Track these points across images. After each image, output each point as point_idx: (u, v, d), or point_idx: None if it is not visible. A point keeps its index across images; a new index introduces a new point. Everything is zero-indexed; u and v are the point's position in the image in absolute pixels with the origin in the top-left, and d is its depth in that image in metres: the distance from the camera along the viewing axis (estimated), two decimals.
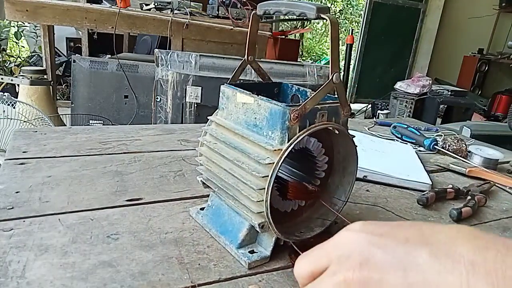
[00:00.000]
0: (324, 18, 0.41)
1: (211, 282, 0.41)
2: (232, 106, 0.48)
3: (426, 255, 0.22)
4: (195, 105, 1.87)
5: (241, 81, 0.52)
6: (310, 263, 0.26)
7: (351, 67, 4.55)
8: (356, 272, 0.23)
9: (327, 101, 0.45)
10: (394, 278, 0.22)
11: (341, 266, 0.24)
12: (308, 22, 5.72)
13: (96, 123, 2.26)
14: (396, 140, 1.03)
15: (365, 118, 3.93)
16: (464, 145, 0.94)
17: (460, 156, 0.91)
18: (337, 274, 0.24)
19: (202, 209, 0.55)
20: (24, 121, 1.80)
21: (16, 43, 4.00)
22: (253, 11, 0.50)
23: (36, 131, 0.80)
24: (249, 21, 0.50)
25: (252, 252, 0.46)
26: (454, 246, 0.22)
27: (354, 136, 0.48)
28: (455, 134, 1.11)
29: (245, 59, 0.51)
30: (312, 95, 0.42)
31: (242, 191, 0.45)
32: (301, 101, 0.48)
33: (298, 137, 0.42)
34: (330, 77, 0.43)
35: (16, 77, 2.44)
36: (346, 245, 0.25)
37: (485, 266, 0.20)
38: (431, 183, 0.73)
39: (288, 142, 0.42)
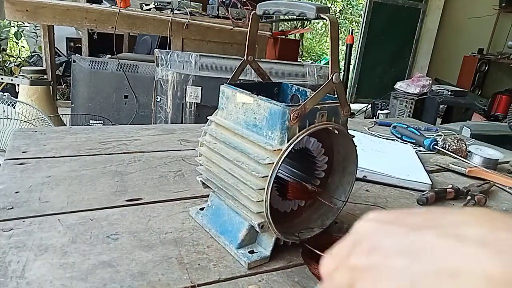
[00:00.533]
0: (323, 18, 0.41)
1: (210, 282, 0.41)
2: (232, 106, 0.48)
3: (432, 238, 0.22)
4: (195, 105, 1.87)
5: (241, 81, 0.52)
6: (334, 258, 0.27)
7: (351, 67, 4.54)
8: (365, 258, 0.24)
9: (327, 101, 0.45)
10: (400, 264, 0.22)
11: (354, 252, 0.25)
12: (308, 22, 5.72)
13: (96, 123, 2.26)
14: (396, 140, 1.03)
15: (365, 118, 3.93)
16: (464, 145, 0.94)
17: (460, 156, 0.91)
18: (350, 259, 0.25)
19: (201, 209, 0.54)
20: (24, 121, 1.80)
21: (16, 43, 4.00)
22: (253, 11, 0.50)
23: (36, 131, 0.80)
24: (249, 21, 0.50)
25: (252, 252, 0.46)
26: (464, 229, 0.21)
27: (354, 136, 0.48)
28: (455, 134, 1.11)
29: (244, 59, 0.51)
30: (312, 95, 0.42)
31: (241, 191, 0.44)
32: (301, 101, 0.48)
33: (297, 137, 0.42)
34: (330, 77, 0.43)
35: (16, 77, 2.44)
36: (359, 233, 0.26)
37: (495, 245, 0.20)
38: (431, 183, 0.73)
39: (287, 142, 0.42)
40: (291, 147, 0.41)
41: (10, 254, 0.41)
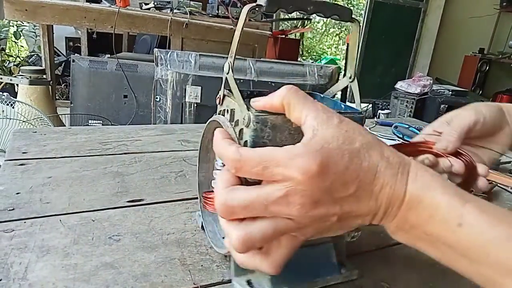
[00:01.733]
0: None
1: (214, 284, 0.41)
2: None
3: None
4: (195, 105, 1.87)
5: (241, 80, 0.51)
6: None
7: None
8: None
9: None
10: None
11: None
12: (308, 22, 5.72)
13: (95, 123, 2.25)
14: (398, 140, 1.03)
15: (365, 118, 3.92)
16: None
17: None
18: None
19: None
20: (23, 121, 1.79)
21: (15, 42, 4.00)
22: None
23: (35, 132, 0.80)
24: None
25: None
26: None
27: None
28: None
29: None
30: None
31: None
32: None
33: None
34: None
35: (15, 77, 2.44)
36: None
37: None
38: None
39: None
40: None
41: (12, 256, 0.41)
